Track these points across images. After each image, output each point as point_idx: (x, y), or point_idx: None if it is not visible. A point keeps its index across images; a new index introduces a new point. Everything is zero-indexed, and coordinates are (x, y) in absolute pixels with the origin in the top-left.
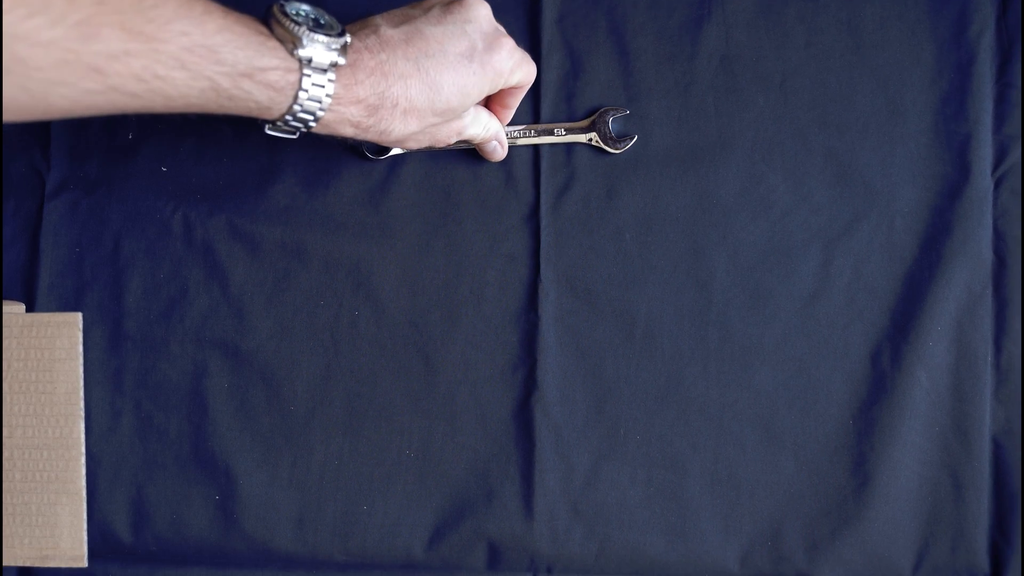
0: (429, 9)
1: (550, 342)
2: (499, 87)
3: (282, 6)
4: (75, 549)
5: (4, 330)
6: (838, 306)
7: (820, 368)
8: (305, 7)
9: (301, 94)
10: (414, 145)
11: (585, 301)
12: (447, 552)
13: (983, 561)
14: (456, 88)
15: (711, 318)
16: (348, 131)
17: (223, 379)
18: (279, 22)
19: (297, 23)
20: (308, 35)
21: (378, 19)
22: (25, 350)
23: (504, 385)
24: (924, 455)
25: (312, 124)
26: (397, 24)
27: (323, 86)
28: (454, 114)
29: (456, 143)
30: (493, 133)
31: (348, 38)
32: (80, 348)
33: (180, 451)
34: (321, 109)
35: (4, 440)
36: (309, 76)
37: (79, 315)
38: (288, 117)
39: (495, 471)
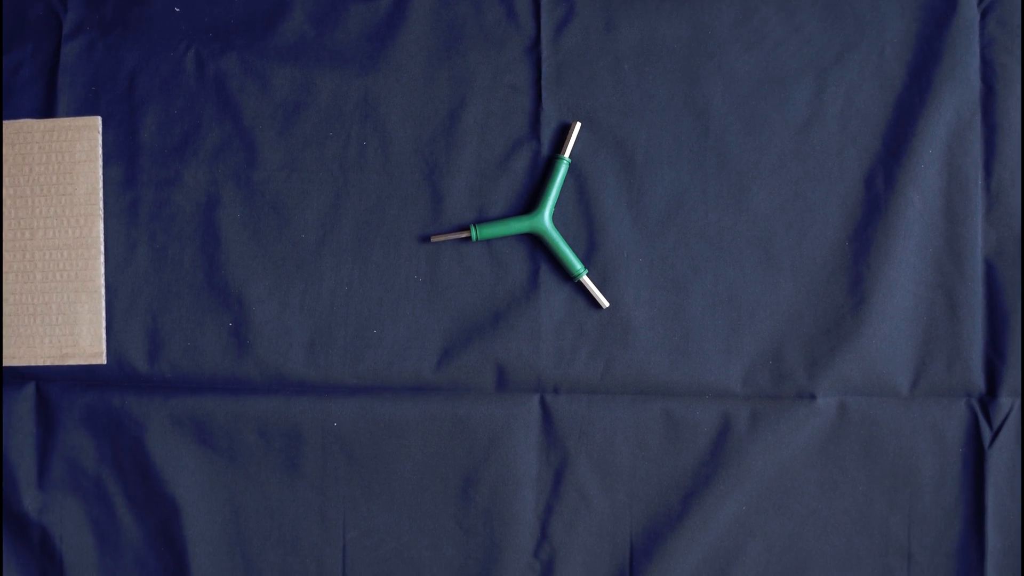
0: None
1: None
2: None
3: None
4: (94, 346)
5: (26, 136)
6: (831, 132)
7: (816, 191)
8: None
9: None
10: None
11: (586, 128)
12: (456, 374)
13: (978, 378)
14: None
15: (708, 144)
16: None
17: (235, 210)
18: None
19: None
20: None
21: None
22: (46, 154)
23: (509, 211)
24: (919, 275)
25: None
26: None
27: None
28: None
29: None
30: None
31: None
32: (100, 150)
33: (194, 280)
34: None
35: (27, 242)
36: None
37: (98, 119)
38: None
39: (501, 294)
